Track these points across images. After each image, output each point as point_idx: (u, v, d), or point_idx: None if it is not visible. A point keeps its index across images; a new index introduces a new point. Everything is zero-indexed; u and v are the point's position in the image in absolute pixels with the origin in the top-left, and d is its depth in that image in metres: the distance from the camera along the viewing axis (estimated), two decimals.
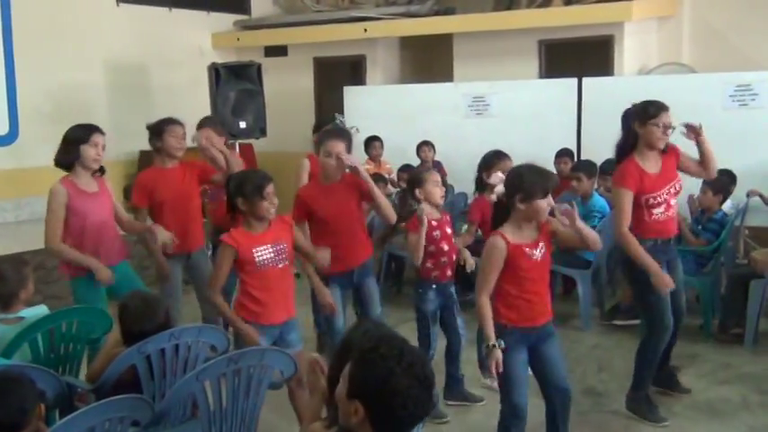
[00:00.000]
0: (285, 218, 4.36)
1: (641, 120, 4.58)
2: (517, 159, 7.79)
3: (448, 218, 4.98)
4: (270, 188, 4.14)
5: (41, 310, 4.10)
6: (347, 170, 4.73)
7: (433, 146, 8.46)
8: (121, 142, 8.20)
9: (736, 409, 4.95)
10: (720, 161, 6.67)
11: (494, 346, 3.73)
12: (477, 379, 5.31)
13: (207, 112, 8.83)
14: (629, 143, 4.65)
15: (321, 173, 4.83)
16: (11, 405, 2.69)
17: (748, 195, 6.99)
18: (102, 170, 4.91)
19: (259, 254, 4.12)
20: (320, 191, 4.81)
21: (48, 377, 3.39)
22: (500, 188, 3.89)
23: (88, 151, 4.78)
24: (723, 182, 6.36)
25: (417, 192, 4.82)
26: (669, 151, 4.67)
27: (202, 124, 5.86)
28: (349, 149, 4.78)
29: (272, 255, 4.16)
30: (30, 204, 8.60)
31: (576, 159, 7.72)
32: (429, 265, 4.82)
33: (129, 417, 3.02)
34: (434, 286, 4.84)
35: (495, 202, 4.03)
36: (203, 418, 3.39)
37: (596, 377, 5.50)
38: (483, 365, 5.29)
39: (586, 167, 6.86)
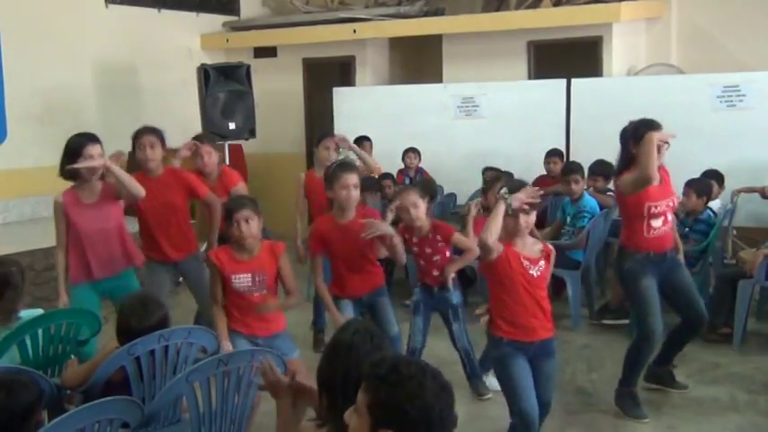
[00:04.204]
0: (276, 247, 4.29)
1: (635, 140, 4.58)
2: (506, 160, 7.92)
3: None
4: (241, 214, 4.10)
5: (37, 312, 4.10)
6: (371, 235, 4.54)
7: (418, 152, 8.44)
8: (110, 143, 8.11)
9: (724, 409, 4.98)
10: (708, 162, 6.79)
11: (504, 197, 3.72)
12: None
13: (196, 113, 8.82)
14: (629, 160, 4.68)
15: (337, 207, 4.63)
16: (22, 401, 2.73)
17: (733, 196, 7.02)
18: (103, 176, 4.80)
19: (238, 280, 4.17)
20: (335, 228, 4.64)
21: (37, 379, 3.37)
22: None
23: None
24: (706, 184, 6.38)
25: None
26: (661, 169, 4.72)
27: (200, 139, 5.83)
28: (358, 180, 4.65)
29: (249, 284, 4.18)
30: (18, 206, 8.54)
31: (564, 160, 7.74)
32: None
33: (119, 418, 3.02)
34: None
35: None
36: (193, 420, 3.39)
37: (586, 377, 5.52)
38: (483, 365, 5.30)
39: (581, 169, 6.88)
